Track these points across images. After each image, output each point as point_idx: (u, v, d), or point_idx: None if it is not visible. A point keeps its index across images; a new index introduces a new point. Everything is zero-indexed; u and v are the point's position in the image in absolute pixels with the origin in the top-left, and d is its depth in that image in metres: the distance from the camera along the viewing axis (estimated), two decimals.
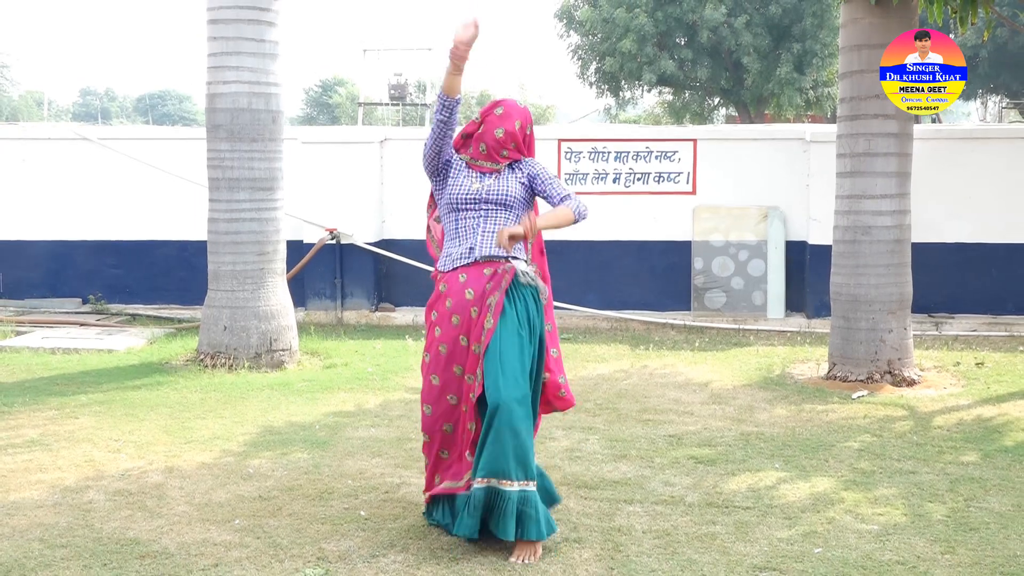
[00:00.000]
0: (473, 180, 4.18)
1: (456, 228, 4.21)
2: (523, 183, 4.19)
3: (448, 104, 4.11)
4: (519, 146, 4.22)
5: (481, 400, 4.03)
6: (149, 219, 10.65)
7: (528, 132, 4.26)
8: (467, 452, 4.10)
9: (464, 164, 4.25)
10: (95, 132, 11.18)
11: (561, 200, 4.16)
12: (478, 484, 3.97)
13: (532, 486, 3.99)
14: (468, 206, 4.16)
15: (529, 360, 4.06)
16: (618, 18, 23.10)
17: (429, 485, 4.29)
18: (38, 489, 4.84)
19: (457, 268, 4.15)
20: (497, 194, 4.14)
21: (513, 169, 4.22)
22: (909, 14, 7.32)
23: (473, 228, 4.16)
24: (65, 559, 3.98)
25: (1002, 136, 10.39)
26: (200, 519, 4.44)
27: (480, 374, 4.00)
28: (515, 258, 4.16)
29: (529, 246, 4.27)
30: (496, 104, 4.27)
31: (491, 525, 3.99)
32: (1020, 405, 6.73)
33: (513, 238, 4.00)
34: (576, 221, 4.15)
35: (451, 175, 4.23)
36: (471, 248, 4.15)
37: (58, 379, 7.43)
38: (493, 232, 4.14)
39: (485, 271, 4.11)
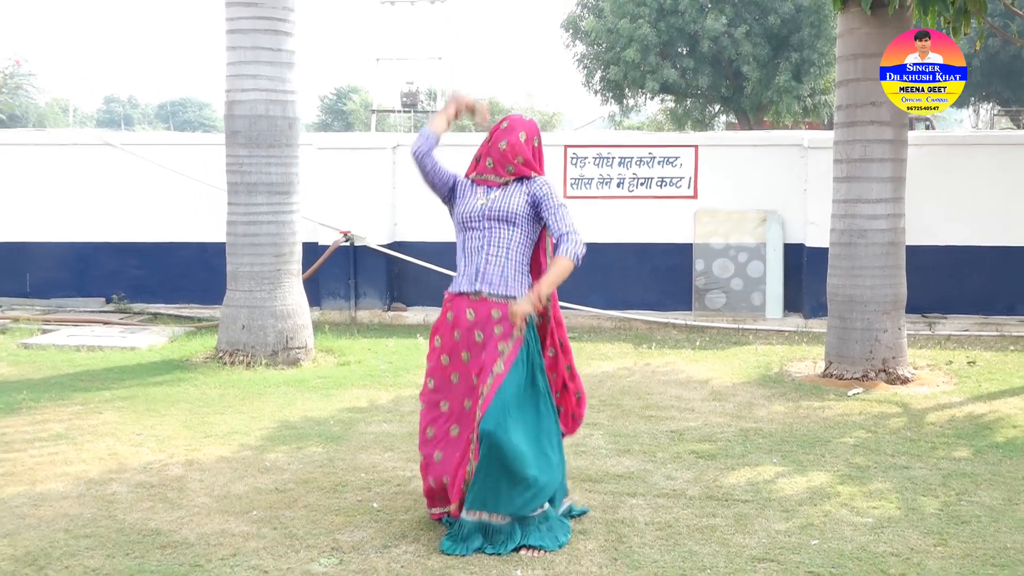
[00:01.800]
0: (479, 196, 4.18)
1: (463, 247, 4.21)
2: (529, 201, 4.14)
3: (430, 139, 4.21)
4: (527, 161, 4.18)
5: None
6: (170, 222, 10.76)
7: (535, 145, 4.23)
8: (462, 484, 4.06)
9: (470, 183, 4.27)
10: (118, 138, 11.26)
11: (558, 238, 4.06)
12: (468, 516, 4.01)
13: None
14: (473, 224, 4.16)
15: (536, 396, 4.06)
16: (622, 28, 23.29)
17: (430, 504, 4.35)
18: (63, 481, 4.92)
19: (464, 297, 4.15)
20: (500, 210, 4.12)
21: (521, 184, 4.18)
22: (904, 24, 7.40)
23: (478, 248, 4.15)
24: (89, 548, 4.06)
25: (994, 143, 10.47)
26: (219, 510, 4.51)
27: (483, 408, 3.95)
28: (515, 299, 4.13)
29: (547, 309, 4.19)
30: (503, 120, 4.29)
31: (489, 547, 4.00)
32: (1010, 402, 6.80)
33: (524, 317, 4.00)
34: (576, 266, 4.03)
35: (458, 196, 4.26)
36: (477, 271, 4.13)
37: (83, 375, 7.51)
38: (497, 256, 4.12)
39: (494, 313, 4.08)
